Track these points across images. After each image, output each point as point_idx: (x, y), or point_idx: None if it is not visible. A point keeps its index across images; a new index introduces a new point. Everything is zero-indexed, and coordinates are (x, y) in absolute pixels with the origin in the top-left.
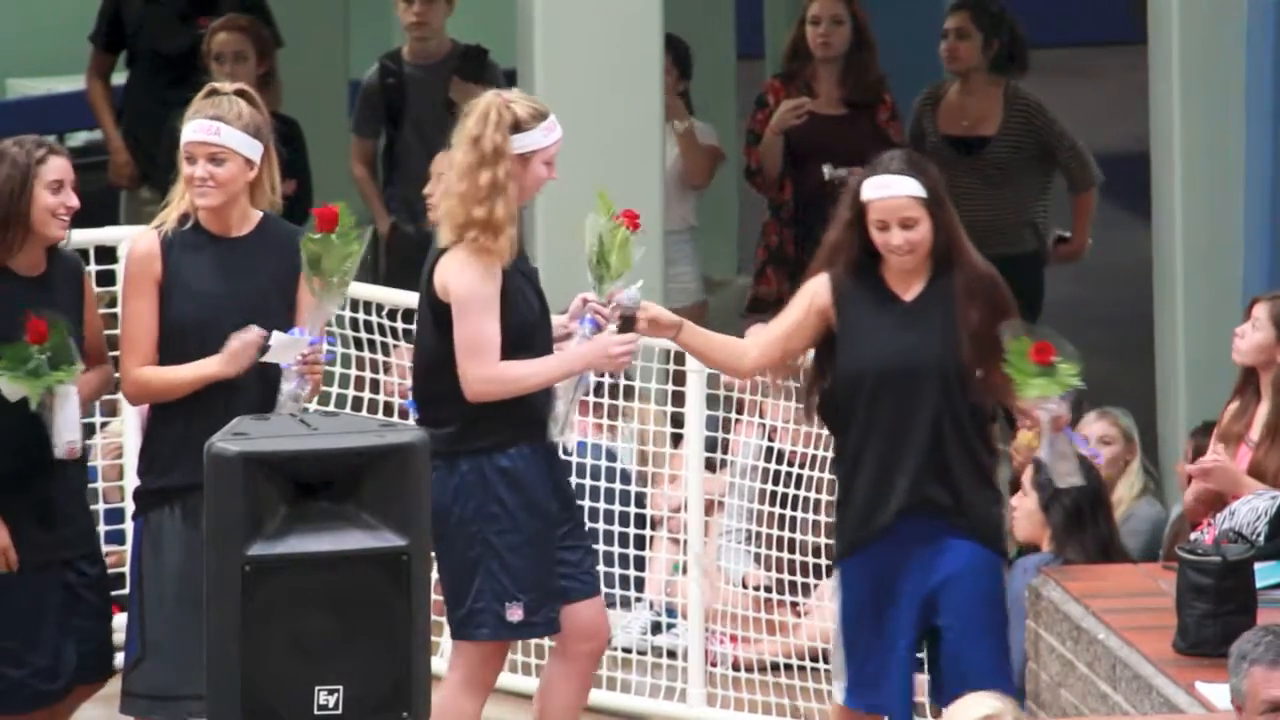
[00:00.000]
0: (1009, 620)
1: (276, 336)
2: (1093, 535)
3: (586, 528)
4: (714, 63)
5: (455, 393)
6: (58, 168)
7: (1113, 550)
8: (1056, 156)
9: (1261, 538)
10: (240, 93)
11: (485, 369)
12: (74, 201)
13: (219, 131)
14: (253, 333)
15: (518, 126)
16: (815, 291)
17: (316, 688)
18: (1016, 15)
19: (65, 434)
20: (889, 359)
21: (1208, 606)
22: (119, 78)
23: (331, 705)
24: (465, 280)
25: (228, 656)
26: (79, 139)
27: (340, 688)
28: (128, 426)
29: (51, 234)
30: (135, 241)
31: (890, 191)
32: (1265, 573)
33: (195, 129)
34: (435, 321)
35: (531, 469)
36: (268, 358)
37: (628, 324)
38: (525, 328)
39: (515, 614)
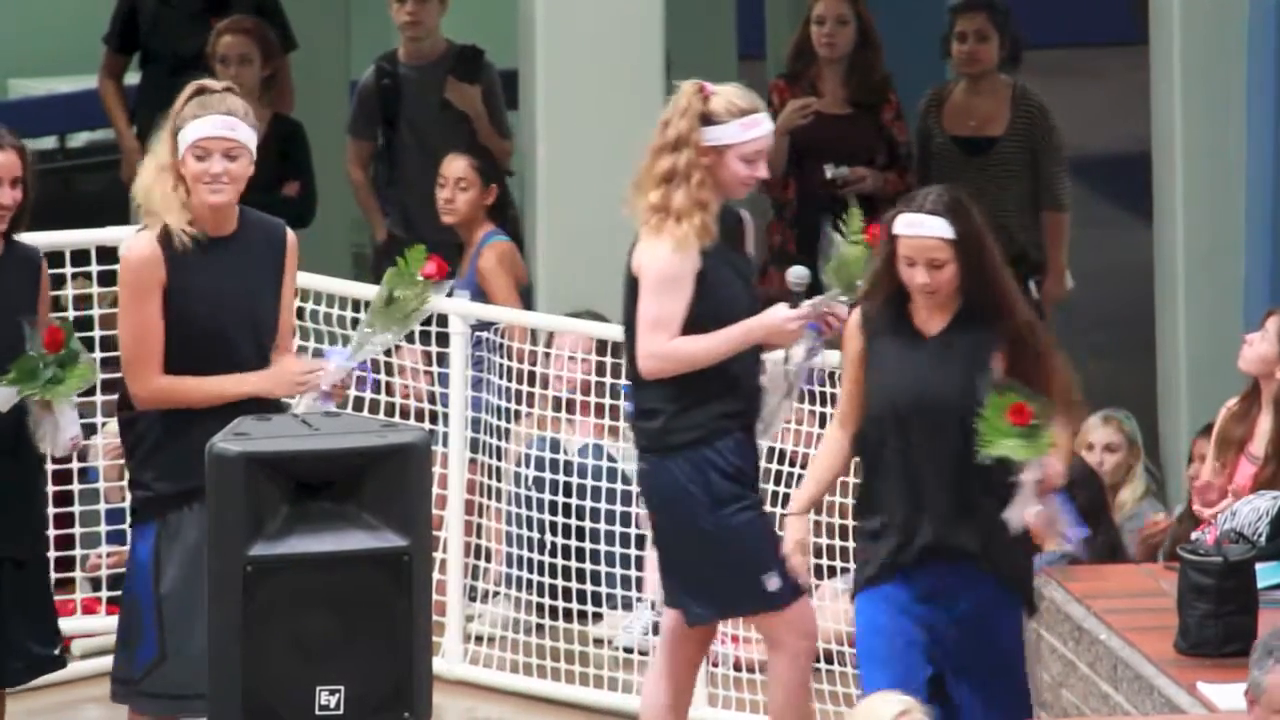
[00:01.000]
0: (1024, 659)
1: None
2: (1102, 538)
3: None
4: (715, 63)
5: (661, 388)
6: None
7: (1119, 551)
8: (1039, 162)
9: (1263, 538)
10: (229, 89)
11: (657, 345)
12: (6, 199)
13: (235, 127)
14: (319, 372)
15: (709, 119)
16: (849, 336)
17: (318, 688)
18: (1014, 13)
19: (69, 431)
20: (907, 396)
21: (1209, 607)
22: (131, 77)
23: (333, 705)
24: (651, 259)
25: (229, 657)
26: (80, 139)
27: (341, 688)
28: None
29: None
30: (132, 246)
31: (918, 231)
32: (1266, 573)
33: (211, 124)
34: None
35: (739, 454)
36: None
37: (798, 299)
38: (724, 315)
39: (773, 583)
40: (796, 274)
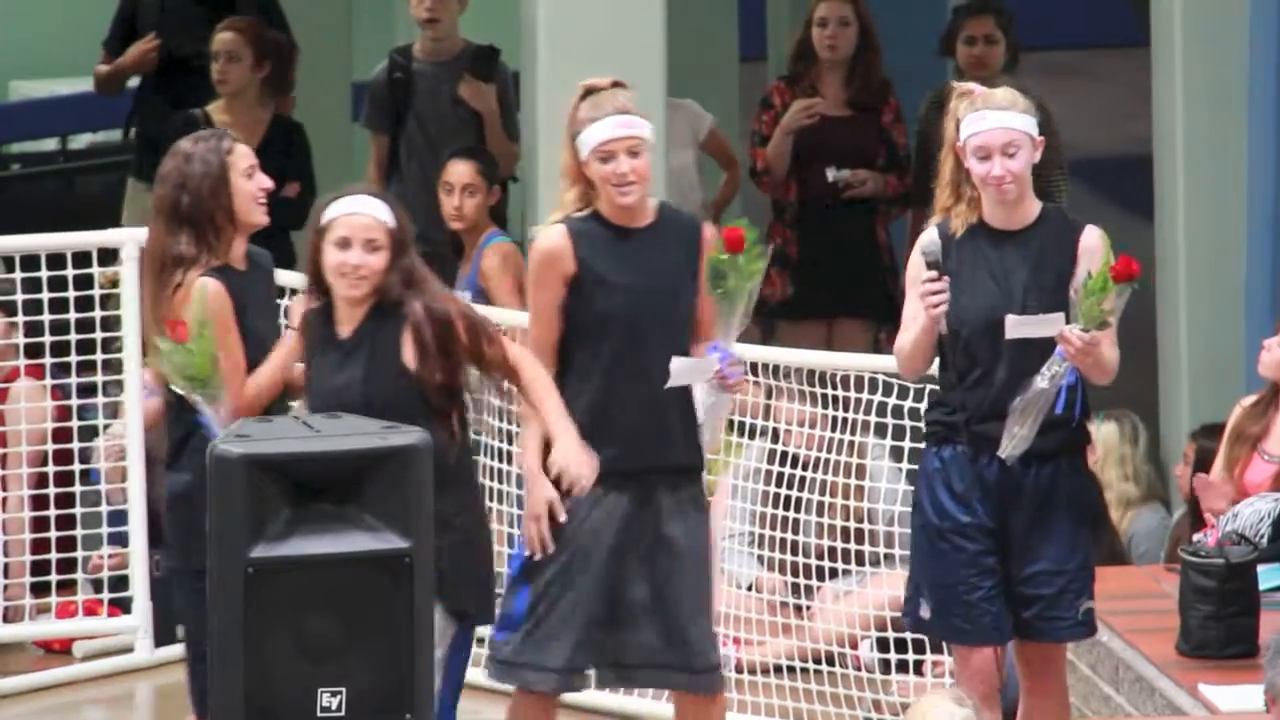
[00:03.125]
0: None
1: (676, 362)
2: (1108, 539)
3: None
4: (717, 64)
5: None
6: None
7: (1118, 558)
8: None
9: (1265, 540)
10: (615, 84)
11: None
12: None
13: (633, 125)
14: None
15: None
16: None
17: (319, 689)
18: (1016, 15)
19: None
20: (332, 401)
21: (1211, 608)
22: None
23: (334, 707)
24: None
25: (230, 658)
26: (82, 140)
27: (343, 689)
28: (130, 428)
29: None
30: (542, 237)
31: (360, 208)
32: (1268, 575)
33: (611, 126)
34: None
35: (953, 473)
36: (671, 383)
37: (932, 267)
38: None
39: (925, 611)
40: (927, 244)
